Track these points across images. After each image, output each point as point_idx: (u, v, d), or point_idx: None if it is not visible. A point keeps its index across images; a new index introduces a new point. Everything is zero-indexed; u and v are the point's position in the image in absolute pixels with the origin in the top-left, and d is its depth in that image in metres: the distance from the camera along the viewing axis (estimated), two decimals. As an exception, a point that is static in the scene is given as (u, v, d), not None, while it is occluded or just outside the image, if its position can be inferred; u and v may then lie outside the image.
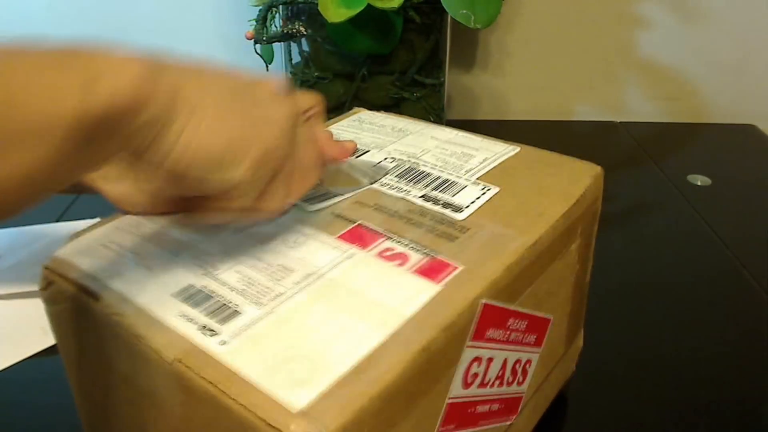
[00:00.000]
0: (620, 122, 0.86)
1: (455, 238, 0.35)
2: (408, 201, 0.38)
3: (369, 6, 0.57)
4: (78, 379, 0.35)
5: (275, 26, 0.65)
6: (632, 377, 0.45)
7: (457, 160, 0.42)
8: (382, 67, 0.65)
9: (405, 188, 0.39)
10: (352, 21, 0.57)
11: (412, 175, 0.41)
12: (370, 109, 0.64)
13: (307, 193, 0.34)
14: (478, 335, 0.31)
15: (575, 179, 0.42)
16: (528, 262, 0.34)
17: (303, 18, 0.64)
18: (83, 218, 0.61)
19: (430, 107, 0.68)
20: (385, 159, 0.42)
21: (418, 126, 0.48)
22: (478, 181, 0.40)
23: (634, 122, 0.86)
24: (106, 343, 0.31)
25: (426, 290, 0.31)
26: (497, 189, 0.39)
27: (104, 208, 0.34)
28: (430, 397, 0.29)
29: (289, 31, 0.65)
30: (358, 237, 0.34)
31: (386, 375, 0.27)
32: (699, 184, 0.70)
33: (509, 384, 0.36)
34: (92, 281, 0.32)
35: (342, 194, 0.38)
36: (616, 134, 0.83)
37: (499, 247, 0.34)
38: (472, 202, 0.38)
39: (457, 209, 0.37)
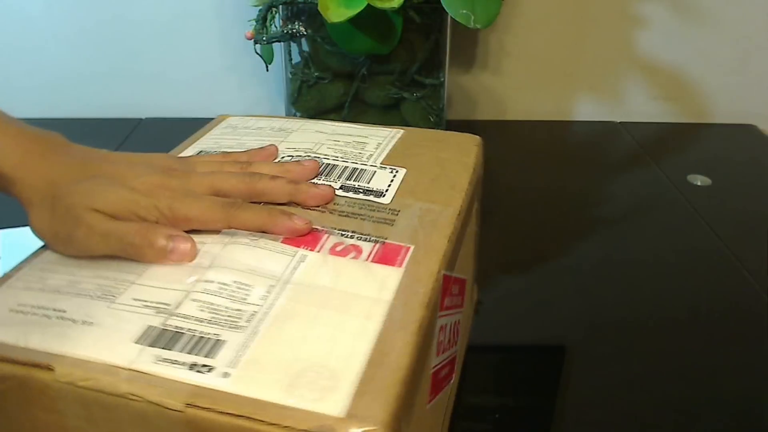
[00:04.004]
0: (620, 122, 0.86)
1: (392, 222, 0.36)
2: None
3: (369, 6, 0.57)
4: None
5: (275, 26, 0.65)
6: (631, 377, 0.45)
7: (353, 149, 0.44)
8: (382, 67, 0.65)
9: (319, 182, 0.40)
10: (352, 21, 0.57)
11: (320, 169, 0.42)
12: (371, 109, 0.65)
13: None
14: (442, 305, 0.33)
15: (465, 150, 0.45)
16: (458, 231, 0.37)
17: (303, 18, 0.64)
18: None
19: (430, 107, 0.68)
20: (283, 158, 0.43)
21: (295, 123, 0.48)
22: (384, 165, 0.42)
23: (634, 122, 0.86)
24: (71, 418, 0.28)
25: (392, 275, 0.32)
26: (404, 170, 0.42)
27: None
28: (425, 372, 0.30)
29: (289, 31, 0.65)
30: (301, 237, 0.35)
31: (401, 360, 0.27)
32: (699, 184, 0.70)
33: (452, 346, 0.38)
34: (29, 353, 0.28)
35: None
36: (616, 134, 0.83)
37: (433, 222, 0.37)
38: (389, 185, 0.40)
39: (379, 194, 0.39)
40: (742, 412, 0.43)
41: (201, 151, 0.45)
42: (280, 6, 0.64)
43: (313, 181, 0.40)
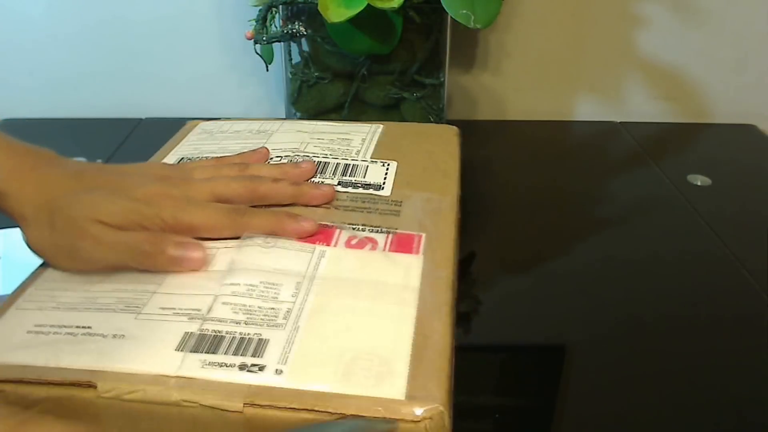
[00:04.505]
0: (620, 122, 0.86)
1: (397, 212, 0.37)
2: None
3: (369, 6, 0.57)
4: None
5: (275, 26, 0.65)
6: (631, 377, 0.45)
7: (339, 146, 0.44)
8: (382, 67, 0.65)
9: (316, 180, 0.40)
10: (352, 21, 0.57)
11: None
12: (371, 109, 0.65)
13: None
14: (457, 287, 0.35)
15: (447, 140, 0.47)
16: (458, 216, 0.39)
17: (303, 18, 0.64)
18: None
19: (430, 107, 0.68)
20: (272, 159, 0.43)
21: (273, 124, 0.49)
22: (374, 159, 0.43)
23: (634, 122, 0.86)
24: (122, 425, 0.27)
25: (413, 262, 0.33)
26: (395, 162, 0.42)
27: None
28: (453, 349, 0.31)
29: (289, 31, 0.65)
30: (315, 234, 0.35)
31: (443, 341, 0.28)
32: (699, 184, 0.70)
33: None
34: (63, 372, 0.27)
35: None
36: (616, 134, 0.83)
37: (437, 210, 0.38)
38: (385, 178, 0.41)
39: (378, 187, 0.40)
40: (742, 412, 0.43)
41: (182, 159, 0.44)
42: (280, 6, 0.64)
43: (312, 180, 0.40)
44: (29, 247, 0.35)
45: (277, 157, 0.43)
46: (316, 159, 0.42)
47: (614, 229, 0.62)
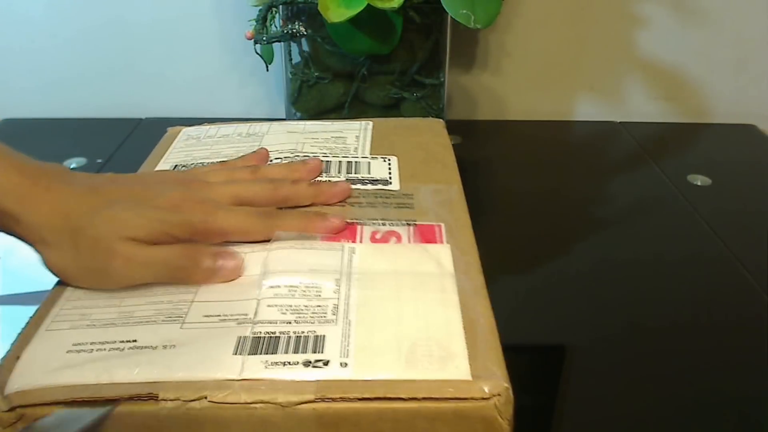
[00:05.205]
0: (620, 122, 0.86)
1: (411, 205, 0.38)
2: None
3: (369, 6, 0.57)
4: None
5: (275, 26, 0.65)
6: (631, 377, 0.45)
7: (336, 144, 0.45)
8: (382, 67, 0.65)
9: (323, 179, 0.41)
10: (352, 21, 0.57)
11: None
12: (371, 109, 0.65)
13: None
14: None
15: (437, 132, 0.48)
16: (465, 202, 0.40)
17: (303, 18, 0.64)
18: None
19: (430, 107, 0.68)
20: (271, 161, 0.43)
21: (261, 126, 0.49)
22: (374, 155, 0.43)
23: (634, 122, 0.86)
24: None
25: (441, 251, 0.34)
26: (395, 157, 0.43)
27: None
28: None
29: (289, 31, 0.65)
30: (339, 232, 0.36)
31: (489, 322, 0.30)
32: (699, 184, 0.70)
33: None
34: (119, 388, 0.26)
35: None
36: (616, 134, 0.83)
37: (447, 200, 0.39)
38: (390, 173, 0.41)
39: (386, 182, 0.40)
40: (741, 412, 0.43)
41: (176, 166, 0.44)
42: (280, 6, 0.64)
43: (320, 178, 0.41)
44: (50, 269, 0.33)
45: (277, 158, 0.43)
46: (318, 159, 0.42)
47: (614, 228, 0.62)
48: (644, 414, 0.42)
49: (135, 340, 0.29)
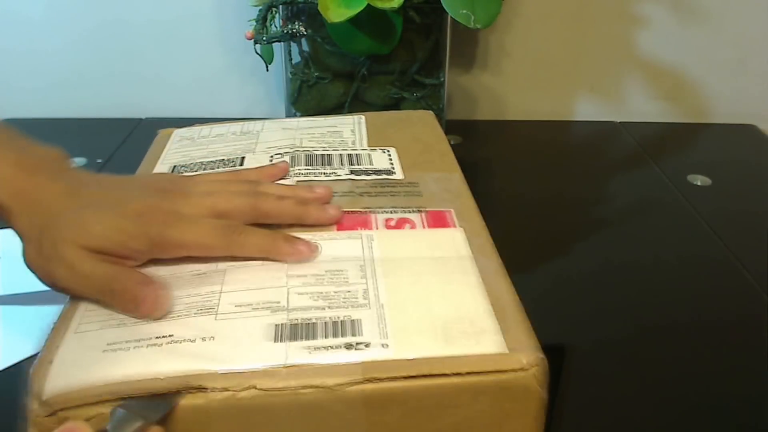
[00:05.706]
0: (620, 122, 0.86)
1: (418, 193, 0.39)
2: (346, 180, 0.40)
3: (369, 6, 0.57)
4: None
5: (275, 26, 0.65)
6: (631, 377, 0.45)
7: (334, 138, 0.46)
8: (382, 67, 0.65)
9: (327, 172, 0.41)
10: (352, 21, 0.57)
11: (318, 160, 0.42)
12: (371, 108, 0.65)
13: None
14: None
15: (429, 124, 0.48)
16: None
17: (303, 18, 0.64)
18: None
19: (430, 107, 0.68)
20: (271, 158, 0.43)
21: (255, 125, 0.49)
22: (373, 147, 0.44)
23: (634, 122, 0.86)
24: (234, 427, 0.26)
25: (456, 235, 0.35)
26: (393, 148, 0.44)
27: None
28: None
29: (289, 31, 0.65)
30: (353, 221, 0.36)
31: (513, 299, 0.31)
32: (699, 184, 0.70)
33: None
34: (165, 382, 0.26)
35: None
36: (616, 134, 0.83)
37: (452, 186, 0.40)
38: (391, 163, 0.42)
39: (389, 172, 0.41)
40: (742, 412, 0.43)
41: (174, 167, 0.43)
42: (280, 6, 0.64)
43: (318, 172, 0.40)
44: (26, 264, 0.33)
45: (277, 155, 0.43)
46: (317, 153, 0.42)
47: (614, 228, 0.62)
48: (644, 414, 0.42)
49: (171, 335, 0.28)
